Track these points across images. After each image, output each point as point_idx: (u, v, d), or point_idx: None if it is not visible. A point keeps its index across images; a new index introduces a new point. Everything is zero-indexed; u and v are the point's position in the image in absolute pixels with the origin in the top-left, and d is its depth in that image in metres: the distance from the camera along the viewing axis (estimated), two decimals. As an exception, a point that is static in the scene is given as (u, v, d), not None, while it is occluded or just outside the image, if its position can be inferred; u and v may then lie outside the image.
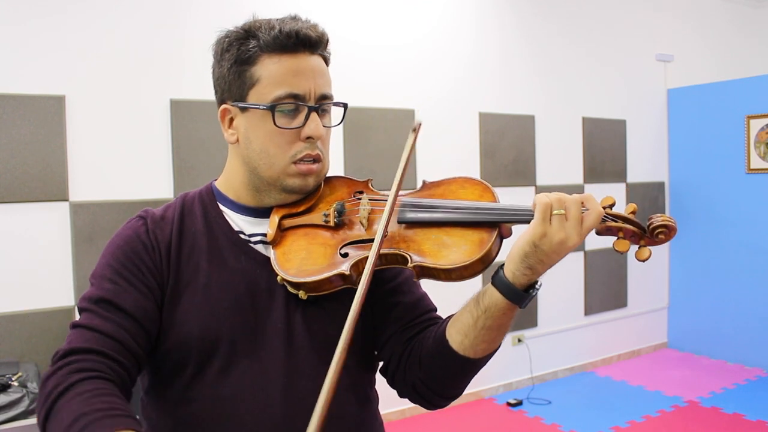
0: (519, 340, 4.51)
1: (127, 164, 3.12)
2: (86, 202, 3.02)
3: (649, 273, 5.26)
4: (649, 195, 5.15)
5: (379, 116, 3.84)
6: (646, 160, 5.20)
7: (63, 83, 2.96)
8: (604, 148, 4.92)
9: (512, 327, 1.01)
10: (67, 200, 2.98)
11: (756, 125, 4.74)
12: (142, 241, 1.02)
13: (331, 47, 1.09)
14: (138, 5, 3.14)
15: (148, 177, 3.17)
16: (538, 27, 4.57)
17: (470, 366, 1.00)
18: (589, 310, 4.90)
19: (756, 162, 4.76)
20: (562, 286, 4.69)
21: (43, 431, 0.87)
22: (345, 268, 0.98)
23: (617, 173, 5.01)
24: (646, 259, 0.92)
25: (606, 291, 4.99)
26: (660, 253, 5.34)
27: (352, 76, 3.71)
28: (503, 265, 0.94)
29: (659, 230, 0.92)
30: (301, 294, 1.00)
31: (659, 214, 0.93)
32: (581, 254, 4.81)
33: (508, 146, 4.40)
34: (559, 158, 4.66)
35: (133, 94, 3.13)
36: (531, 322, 4.57)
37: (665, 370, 4.84)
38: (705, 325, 5.14)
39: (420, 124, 1.05)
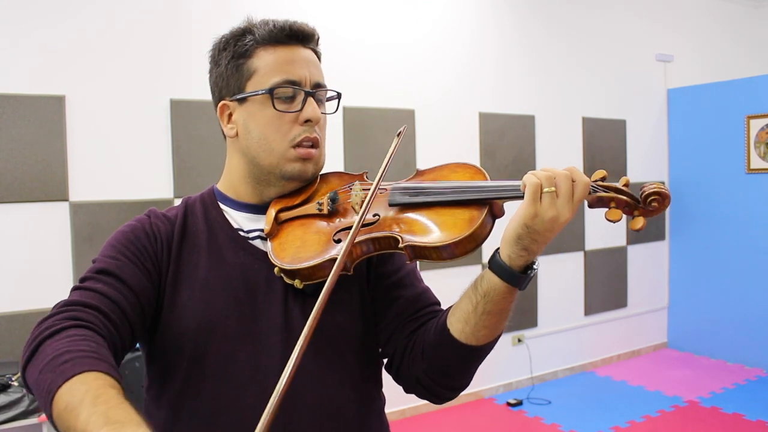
0: (519, 340, 4.51)
1: (127, 164, 3.12)
2: (86, 202, 3.02)
3: (649, 273, 5.27)
4: (649, 195, 5.14)
5: (379, 116, 3.84)
6: (646, 160, 5.20)
7: (63, 83, 2.96)
8: (604, 148, 4.93)
9: (512, 327, 1.01)
10: (67, 200, 2.98)
11: (756, 125, 4.74)
12: (145, 231, 1.05)
13: (332, 47, 1.11)
14: (138, 5, 3.15)
15: (148, 177, 3.17)
16: (537, 27, 4.57)
17: (472, 354, 1.00)
18: (589, 310, 4.90)
19: (756, 162, 4.76)
20: (562, 286, 4.69)
21: (23, 369, 0.88)
22: (337, 253, 0.98)
23: (617, 173, 5.00)
24: (640, 229, 0.91)
25: (606, 291, 4.99)
26: (660, 253, 5.34)
27: (352, 76, 3.71)
28: (499, 248, 0.94)
29: (652, 197, 0.90)
30: (297, 283, 1.01)
31: (651, 183, 0.92)
32: (581, 254, 4.81)
33: (508, 146, 4.40)
34: (559, 158, 4.66)
35: (133, 94, 3.13)
36: (531, 322, 4.57)
37: (665, 370, 4.84)
38: (705, 325, 5.14)
39: (405, 128, 1.08)
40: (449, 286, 1.50)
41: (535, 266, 0.93)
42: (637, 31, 5.11)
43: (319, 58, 1.10)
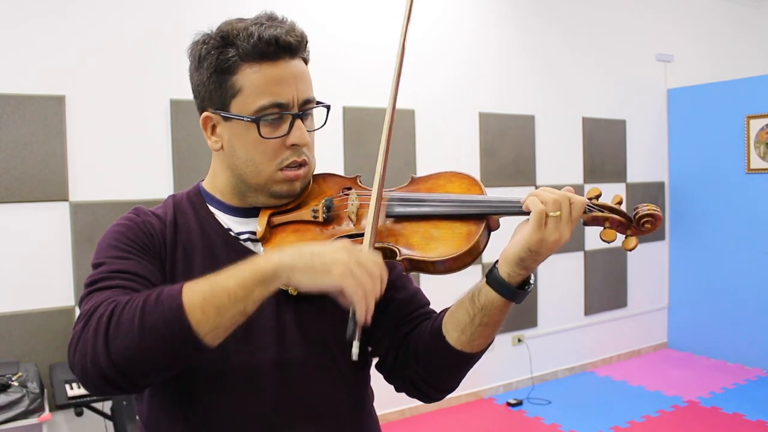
0: (519, 340, 4.51)
1: (127, 164, 3.12)
2: (86, 202, 3.02)
3: (649, 273, 5.27)
4: (649, 195, 5.15)
5: (379, 116, 3.84)
6: (646, 160, 5.20)
7: (63, 83, 2.96)
8: (604, 148, 4.92)
9: (512, 327, 1.02)
10: (67, 200, 2.98)
11: (756, 125, 4.74)
12: (139, 227, 1.03)
13: (332, 47, 1.10)
14: (138, 5, 3.15)
15: (148, 177, 3.17)
16: (538, 27, 4.57)
17: (467, 360, 1.02)
18: (589, 310, 4.90)
19: (756, 162, 4.76)
20: (562, 286, 4.69)
21: (105, 350, 0.82)
22: None
23: (617, 173, 5.01)
24: (633, 248, 0.93)
25: (606, 291, 4.99)
26: (660, 253, 5.34)
27: (351, 76, 3.71)
28: (496, 262, 0.95)
29: (645, 219, 0.93)
30: (291, 290, 1.00)
31: (645, 204, 0.94)
32: (581, 254, 4.81)
33: (508, 146, 4.40)
34: (559, 158, 4.66)
35: (133, 94, 3.13)
36: (531, 322, 4.57)
37: (665, 370, 4.84)
38: (705, 325, 5.14)
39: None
40: (447, 286, 1.50)
41: (531, 281, 0.95)
42: (637, 31, 5.11)
43: (307, 62, 1.05)
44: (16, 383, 2.52)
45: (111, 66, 3.08)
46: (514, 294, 0.94)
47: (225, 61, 0.98)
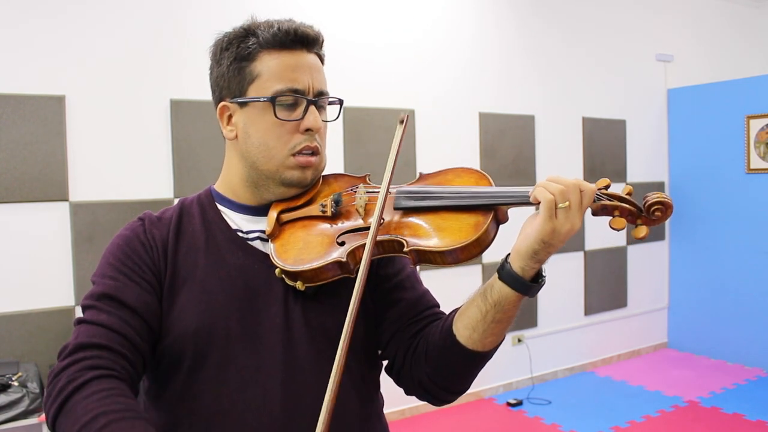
0: (519, 340, 4.51)
1: (127, 164, 3.12)
2: (86, 202, 3.02)
3: (649, 273, 5.27)
4: (649, 195, 5.14)
5: (379, 116, 3.84)
6: (646, 160, 5.21)
7: (63, 83, 2.96)
8: (604, 148, 4.92)
9: (512, 327, 1.02)
10: (67, 200, 2.98)
11: (756, 125, 4.74)
12: (140, 240, 1.05)
13: (332, 47, 1.11)
14: (138, 5, 3.15)
15: (148, 177, 3.17)
16: (538, 27, 4.57)
17: (478, 359, 1.02)
18: (589, 310, 4.90)
19: (756, 162, 4.76)
20: (562, 286, 4.69)
21: (53, 425, 0.89)
22: (341, 255, 0.99)
23: (617, 173, 5.01)
24: (643, 237, 0.93)
25: (606, 291, 4.99)
26: (660, 253, 5.34)
27: (352, 76, 3.71)
28: (507, 257, 0.95)
29: (655, 207, 0.92)
30: (299, 285, 1.01)
31: (654, 192, 0.93)
32: (581, 254, 4.81)
33: (508, 146, 4.40)
34: (559, 158, 4.66)
35: (133, 94, 3.13)
36: (531, 322, 4.57)
37: (665, 370, 4.84)
38: (705, 325, 5.14)
39: (407, 116, 1.05)
40: (450, 287, 1.50)
41: (544, 273, 0.95)
42: (637, 31, 5.11)
43: (322, 61, 1.09)
44: (16, 383, 2.52)
45: (111, 66, 3.08)
46: (528, 288, 0.93)
47: (245, 48, 1.03)
